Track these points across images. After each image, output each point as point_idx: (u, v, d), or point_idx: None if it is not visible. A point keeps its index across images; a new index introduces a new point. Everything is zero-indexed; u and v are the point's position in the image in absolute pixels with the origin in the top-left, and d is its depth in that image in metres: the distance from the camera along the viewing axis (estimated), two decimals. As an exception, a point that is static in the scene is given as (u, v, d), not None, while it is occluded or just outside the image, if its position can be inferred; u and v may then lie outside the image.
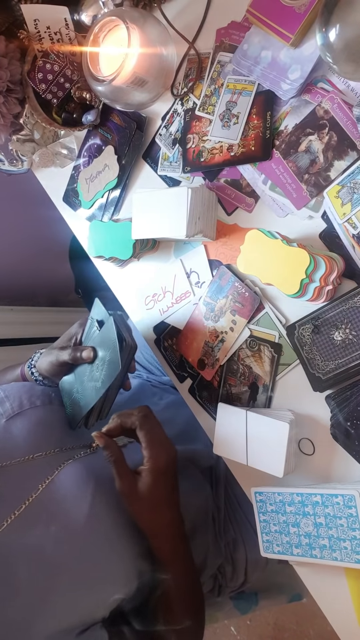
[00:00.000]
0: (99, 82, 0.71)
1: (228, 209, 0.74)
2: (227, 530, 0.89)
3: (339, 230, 0.63)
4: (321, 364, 0.63)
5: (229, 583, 0.89)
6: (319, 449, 0.68)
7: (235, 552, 0.88)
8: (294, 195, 0.66)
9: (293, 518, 0.64)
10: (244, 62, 0.69)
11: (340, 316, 0.62)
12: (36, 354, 0.82)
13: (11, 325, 1.60)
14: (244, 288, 0.71)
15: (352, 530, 0.59)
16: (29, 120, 0.83)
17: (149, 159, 0.83)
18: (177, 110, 0.78)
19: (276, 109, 0.68)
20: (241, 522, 0.90)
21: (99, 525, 0.63)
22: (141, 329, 0.87)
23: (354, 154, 0.61)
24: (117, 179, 0.85)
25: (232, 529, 0.89)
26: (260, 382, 0.72)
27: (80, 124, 0.85)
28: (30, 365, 0.80)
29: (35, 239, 1.58)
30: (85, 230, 0.89)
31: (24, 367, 0.82)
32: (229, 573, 0.88)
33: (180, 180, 0.79)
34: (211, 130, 0.73)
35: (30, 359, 0.81)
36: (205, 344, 0.76)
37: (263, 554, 0.67)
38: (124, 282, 0.89)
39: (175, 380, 0.83)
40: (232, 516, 0.91)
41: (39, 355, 0.80)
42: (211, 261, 0.77)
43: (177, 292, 0.81)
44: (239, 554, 0.88)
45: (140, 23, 0.69)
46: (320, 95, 0.64)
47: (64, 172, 0.95)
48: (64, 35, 0.77)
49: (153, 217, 0.70)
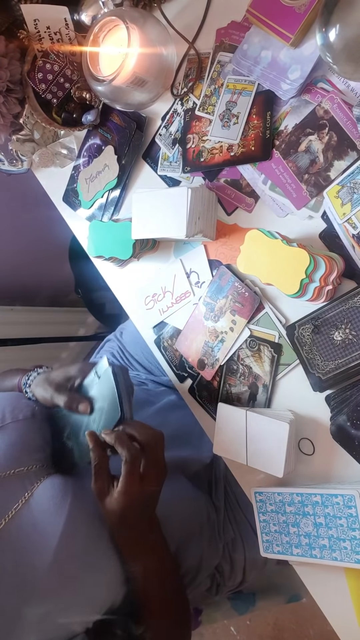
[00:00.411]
0: (99, 82, 0.71)
1: (228, 209, 0.74)
2: (226, 530, 0.89)
3: (339, 230, 0.63)
4: (321, 364, 0.63)
5: (227, 582, 0.89)
6: (319, 449, 0.68)
7: (234, 552, 0.88)
8: (294, 195, 0.66)
9: (293, 518, 0.64)
10: (244, 62, 0.69)
11: (340, 316, 0.62)
12: (33, 372, 0.80)
13: (11, 325, 1.60)
14: (244, 288, 0.71)
15: (352, 530, 0.59)
16: (29, 120, 0.83)
17: (149, 159, 0.83)
18: (177, 110, 0.78)
19: (276, 109, 0.68)
20: (240, 522, 0.90)
21: (74, 541, 0.62)
22: (141, 329, 0.87)
23: (354, 154, 0.61)
24: (117, 179, 0.85)
25: (231, 529, 0.89)
26: (260, 382, 0.72)
27: (80, 124, 0.85)
28: (25, 384, 0.79)
29: (35, 239, 1.58)
30: (85, 230, 0.89)
31: (21, 379, 0.81)
32: (227, 572, 0.88)
33: (180, 180, 0.79)
34: (211, 130, 0.73)
35: (27, 376, 0.80)
36: (205, 344, 0.77)
37: (263, 554, 0.67)
38: (124, 282, 0.89)
39: (175, 380, 0.83)
40: (232, 516, 0.91)
41: (35, 375, 0.79)
42: (211, 261, 0.77)
43: (177, 292, 0.81)
44: (238, 553, 0.88)
45: (140, 23, 0.69)
46: (320, 95, 0.64)
47: (63, 172, 0.95)
48: (64, 35, 0.77)
49: (153, 217, 0.70)
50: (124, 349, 1.12)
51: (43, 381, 0.77)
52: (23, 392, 0.79)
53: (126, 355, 1.11)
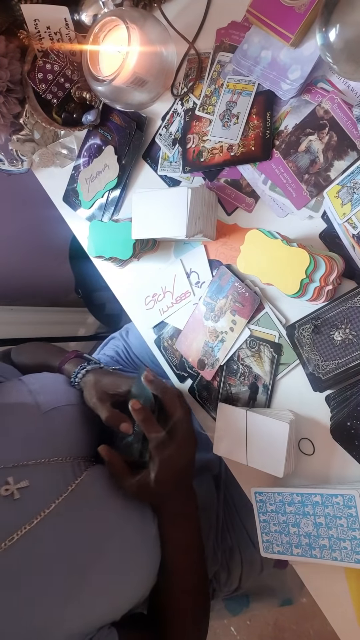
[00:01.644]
0: (99, 82, 0.71)
1: (228, 209, 0.74)
2: (224, 538, 0.89)
3: (339, 230, 0.63)
4: (321, 364, 0.63)
5: (222, 588, 0.89)
6: (319, 449, 0.67)
7: (231, 560, 0.88)
8: (294, 195, 0.66)
9: (293, 518, 0.64)
10: (244, 62, 0.69)
11: (340, 316, 0.62)
12: (81, 371, 0.79)
13: (11, 325, 1.60)
14: (244, 288, 0.71)
15: (352, 530, 0.59)
16: (29, 120, 0.83)
17: (149, 159, 0.83)
18: (177, 110, 0.78)
19: (276, 109, 0.68)
20: (237, 529, 0.90)
21: (124, 529, 0.63)
22: (141, 329, 0.87)
23: (354, 154, 0.61)
24: (117, 179, 0.85)
25: (229, 537, 0.89)
26: (260, 382, 0.72)
27: (80, 124, 0.85)
28: (75, 377, 0.78)
29: (35, 239, 1.58)
30: (85, 230, 0.89)
31: (63, 365, 0.81)
32: (224, 579, 0.88)
33: (180, 180, 0.79)
34: (211, 130, 0.73)
35: (75, 374, 0.79)
36: (205, 344, 0.76)
37: (263, 554, 0.67)
38: (124, 282, 0.89)
39: (175, 380, 0.83)
40: (230, 524, 0.91)
41: (84, 373, 0.78)
42: (211, 261, 0.77)
43: (177, 292, 0.81)
44: (235, 561, 0.88)
45: (140, 23, 0.69)
46: (320, 95, 0.64)
47: (64, 172, 0.95)
48: (64, 35, 0.77)
49: (153, 217, 0.70)
50: (129, 349, 1.12)
51: (93, 384, 0.75)
52: (70, 380, 0.79)
53: (131, 355, 1.12)
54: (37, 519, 0.58)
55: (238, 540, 0.89)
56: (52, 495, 0.61)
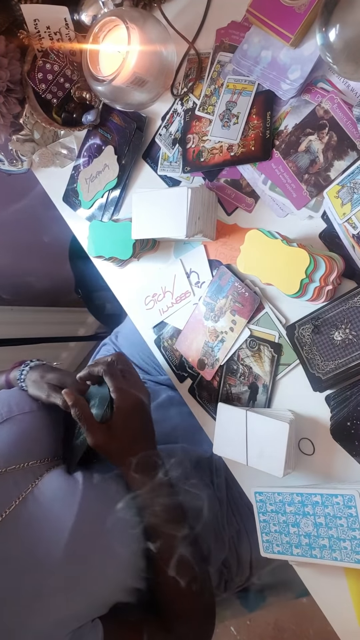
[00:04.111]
0: (99, 82, 0.71)
1: (228, 209, 0.74)
2: (230, 522, 0.88)
3: (339, 230, 0.63)
4: (321, 364, 0.63)
5: (234, 578, 0.89)
6: (319, 449, 0.67)
7: (239, 546, 0.88)
8: (294, 195, 0.66)
9: (293, 518, 0.64)
10: (244, 62, 0.69)
11: (340, 316, 0.62)
12: (25, 367, 0.81)
13: (11, 325, 1.60)
14: (244, 288, 0.71)
15: (352, 530, 0.59)
16: (29, 120, 0.83)
17: (149, 159, 0.83)
18: (177, 110, 0.78)
19: (276, 109, 0.68)
20: (244, 514, 0.90)
21: (88, 528, 0.64)
22: (141, 329, 0.87)
23: (354, 154, 0.61)
24: (117, 179, 0.85)
25: (235, 521, 0.89)
26: (260, 382, 0.72)
27: (80, 124, 0.85)
28: (20, 379, 0.80)
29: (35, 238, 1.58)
30: (85, 230, 0.89)
31: (8, 375, 0.82)
32: (234, 567, 0.88)
33: (180, 180, 0.79)
34: (211, 130, 0.73)
35: (20, 371, 0.80)
36: (205, 344, 0.76)
37: (263, 554, 0.67)
38: (124, 282, 0.89)
39: (175, 380, 0.83)
40: (235, 509, 0.90)
41: (28, 370, 0.80)
42: (211, 261, 0.77)
43: (177, 292, 0.81)
44: (243, 547, 0.88)
45: (140, 23, 0.69)
46: (320, 95, 0.64)
47: (63, 172, 0.95)
48: (63, 35, 0.77)
49: (153, 217, 0.70)
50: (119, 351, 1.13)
51: (39, 380, 0.77)
52: (18, 387, 0.80)
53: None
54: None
55: (245, 525, 0.89)
56: (5, 503, 0.63)
